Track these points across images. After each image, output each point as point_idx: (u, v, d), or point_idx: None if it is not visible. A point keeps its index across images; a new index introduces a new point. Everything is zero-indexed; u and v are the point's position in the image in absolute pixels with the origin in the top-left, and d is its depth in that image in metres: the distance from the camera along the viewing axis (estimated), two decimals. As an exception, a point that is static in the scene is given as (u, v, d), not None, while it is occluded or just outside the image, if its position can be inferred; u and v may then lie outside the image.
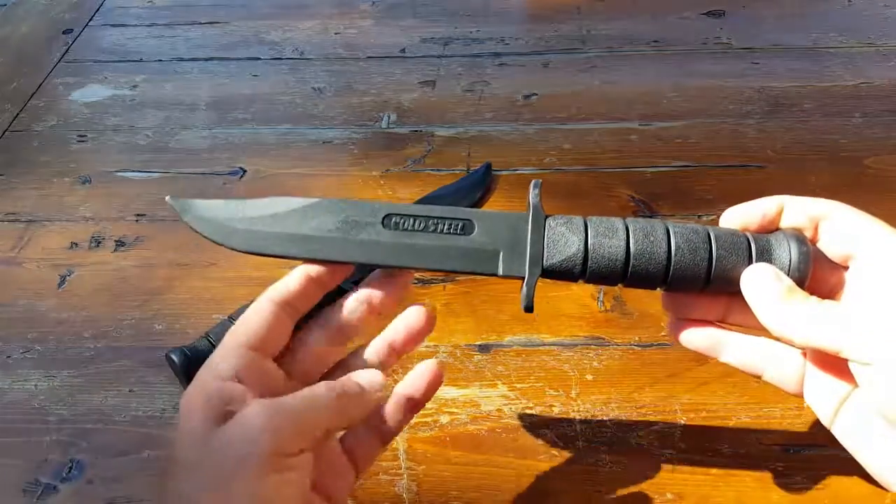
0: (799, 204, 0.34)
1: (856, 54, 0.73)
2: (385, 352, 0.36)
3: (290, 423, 0.29)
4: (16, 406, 0.47)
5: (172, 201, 0.35)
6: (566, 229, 0.33)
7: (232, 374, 0.30)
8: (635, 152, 0.63)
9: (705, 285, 0.33)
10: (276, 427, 0.28)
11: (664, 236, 0.33)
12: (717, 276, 0.33)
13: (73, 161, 0.66)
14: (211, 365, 0.31)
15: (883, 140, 0.63)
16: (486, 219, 0.34)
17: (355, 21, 0.82)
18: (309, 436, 0.29)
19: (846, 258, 0.32)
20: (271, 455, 0.28)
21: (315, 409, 0.30)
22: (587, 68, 0.73)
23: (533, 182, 0.35)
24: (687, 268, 0.33)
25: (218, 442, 0.28)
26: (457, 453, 0.43)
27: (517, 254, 0.33)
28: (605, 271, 0.33)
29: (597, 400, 0.46)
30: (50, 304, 0.53)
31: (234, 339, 0.32)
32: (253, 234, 0.34)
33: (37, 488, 0.43)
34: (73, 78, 0.76)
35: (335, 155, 0.65)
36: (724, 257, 0.33)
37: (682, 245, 0.33)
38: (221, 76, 0.75)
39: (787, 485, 0.41)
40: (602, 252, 0.33)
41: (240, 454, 0.28)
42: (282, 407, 0.29)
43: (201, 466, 0.28)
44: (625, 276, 0.33)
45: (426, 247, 0.33)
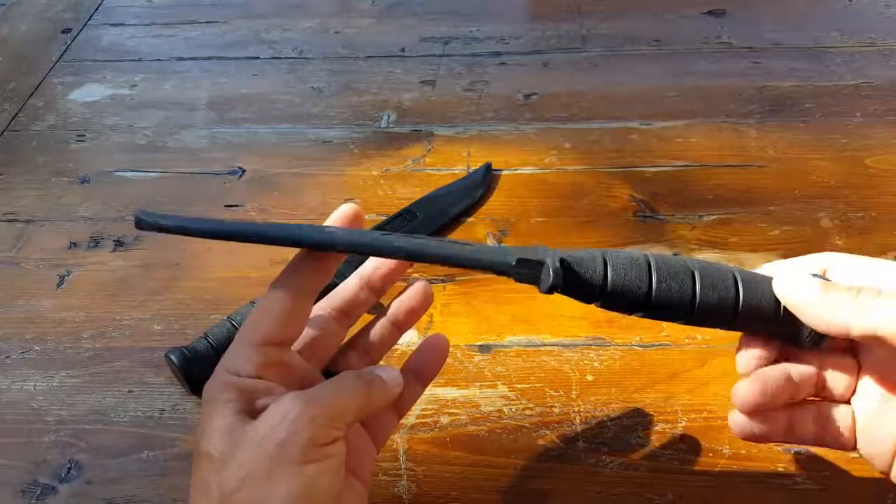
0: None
1: (856, 54, 0.73)
2: (388, 329, 0.36)
3: (325, 412, 0.29)
4: (14, 406, 0.47)
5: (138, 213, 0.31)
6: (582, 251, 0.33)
7: (253, 373, 0.30)
8: (636, 152, 0.63)
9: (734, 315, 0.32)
10: (312, 417, 0.29)
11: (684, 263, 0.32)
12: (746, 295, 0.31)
13: (71, 161, 0.66)
14: (230, 361, 0.31)
15: (884, 140, 0.63)
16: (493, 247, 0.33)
17: (355, 20, 0.82)
18: (342, 424, 0.30)
19: None
20: (309, 445, 0.28)
21: (345, 398, 0.31)
22: (587, 68, 0.73)
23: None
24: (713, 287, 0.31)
25: (253, 435, 0.28)
26: (457, 454, 0.43)
27: (533, 251, 0.32)
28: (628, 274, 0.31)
29: (597, 400, 0.46)
30: (48, 305, 0.53)
31: (250, 334, 0.31)
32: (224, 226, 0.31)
33: (35, 489, 0.43)
34: (71, 77, 0.76)
35: (335, 154, 0.65)
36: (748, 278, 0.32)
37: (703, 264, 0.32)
38: (220, 75, 0.75)
39: (788, 485, 0.41)
40: (621, 260, 0.32)
41: (278, 446, 0.28)
42: (315, 397, 0.30)
43: (236, 459, 0.28)
44: (649, 294, 0.31)
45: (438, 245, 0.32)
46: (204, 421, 0.30)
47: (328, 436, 0.29)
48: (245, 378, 0.30)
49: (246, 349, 0.31)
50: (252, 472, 0.28)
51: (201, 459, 0.29)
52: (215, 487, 0.28)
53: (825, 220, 0.56)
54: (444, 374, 0.47)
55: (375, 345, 0.36)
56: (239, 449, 0.28)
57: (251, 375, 0.30)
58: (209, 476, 0.28)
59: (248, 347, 0.31)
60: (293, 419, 0.28)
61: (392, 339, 0.37)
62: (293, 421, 0.28)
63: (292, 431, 0.28)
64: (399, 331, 0.37)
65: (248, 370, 0.30)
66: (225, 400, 0.30)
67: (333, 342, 0.36)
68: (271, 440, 0.28)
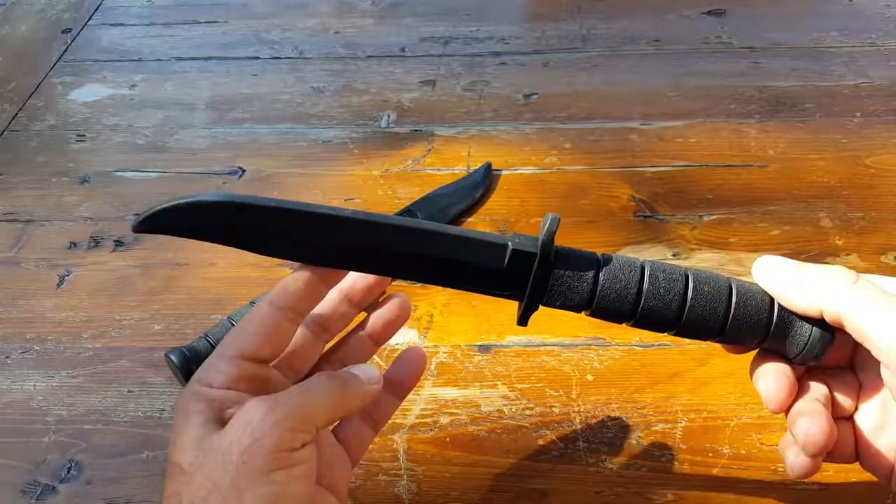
0: None
1: (857, 54, 0.73)
2: (365, 342, 0.36)
3: (291, 415, 0.28)
4: (14, 406, 0.47)
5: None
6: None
7: (224, 385, 0.30)
8: (636, 152, 0.63)
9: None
10: (276, 421, 0.28)
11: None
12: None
13: (71, 161, 0.66)
14: (203, 372, 0.31)
15: (884, 140, 0.63)
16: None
17: (355, 20, 0.82)
18: (311, 427, 0.29)
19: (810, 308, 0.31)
20: (276, 450, 0.27)
21: (315, 399, 0.30)
22: (588, 67, 0.73)
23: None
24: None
25: (220, 443, 0.28)
26: (457, 454, 0.43)
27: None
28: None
29: (597, 400, 0.46)
30: (48, 305, 0.53)
31: (229, 348, 0.31)
32: None
33: (35, 489, 0.43)
34: (71, 77, 0.76)
35: (335, 154, 0.65)
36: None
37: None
38: (220, 75, 0.75)
39: (788, 485, 0.41)
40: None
41: (243, 453, 0.27)
42: (280, 401, 0.29)
43: (204, 469, 0.28)
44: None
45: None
46: (175, 433, 0.29)
47: (295, 440, 0.28)
48: (216, 389, 0.30)
49: (220, 361, 0.31)
50: (218, 482, 0.27)
51: (172, 471, 0.29)
52: (185, 499, 0.28)
53: (825, 220, 0.56)
54: (444, 374, 0.47)
55: (352, 357, 0.36)
56: (206, 458, 0.28)
57: (222, 387, 0.30)
58: (180, 488, 0.28)
59: (223, 360, 0.30)
60: (256, 425, 0.28)
61: (369, 351, 0.37)
62: (256, 427, 0.28)
63: (256, 438, 0.27)
64: (376, 344, 0.37)
65: (219, 381, 0.30)
66: (194, 411, 0.29)
67: (311, 356, 0.35)
68: (236, 448, 0.27)
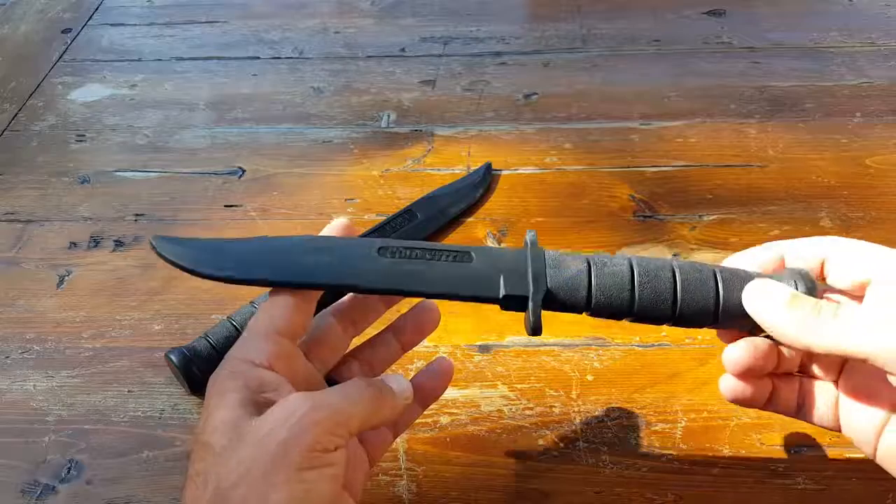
0: (798, 248, 0.34)
1: (857, 54, 0.73)
2: (392, 344, 0.37)
3: (331, 417, 0.28)
4: (14, 406, 0.47)
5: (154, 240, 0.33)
6: (566, 256, 0.33)
7: (265, 361, 0.30)
8: (636, 152, 0.63)
9: (715, 316, 0.32)
10: (317, 421, 0.28)
11: (666, 263, 0.33)
12: (726, 304, 0.32)
13: (71, 161, 0.66)
14: (242, 349, 0.31)
15: (884, 140, 0.63)
16: (483, 251, 0.33)
17: (355, 20, 0.82)
18: (345, 432, 0.29)
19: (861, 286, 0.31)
20: (312, 449, 0.28)
21: (353, 405, 0.30)
22: (588, 67, 0.73)
23: (528, 230, 0.35)
24: (695, 289, 0.32)
25: (256, 431, 0.28)
26: (457, 454, 0.43)
27: (518, 275, 0.33)
28: (611, 293, 0.32)
29: (597, 401, 0.46)
30: (48, 305, 0.53)
31: (263, 324, 0.31)
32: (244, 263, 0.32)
33: (35, 489, 0.43)
34: (71, 77, 0.76)
35: (335, 154, 0.65)
36: (730, 280, 0.32)
37: (685, 267, 0.33)
38: (220, 75, 0.75)
39: (788, 485, 0.41)
40: (606, 271, 0.32)
41: (280, 446, 0.27)
42: (322, 401, 0.29)
43: (237, 454, 0.27)
44: (632, 303, 0.32)
45: (424, 272, 0.32)
46: (207, 411, 0.29)
47: (331, 442, 0.28)
48: (256, 368, 0.30)
49: (258, 339, 0.31)
50: (251, 469, 0.27)
51: (202, 450, 0.29)
52: (213, 480, 0.27)
53: (825, 220, 0.56)
54: (444, 374, 0.47)
55: (378, 358, 0.36)
56: (241, 444, 0.28)
57: (263, 365, 0.30)
58: (208, 468, 0.28)
59: (260, 337, 0.31)
60: (297, 420, 0.28)
61: (395, 355, 0.37)
62: (297, 422, 0.28)
63: (296, 433, 0.27)
64: (402, 349, 0.37)
65: (260, 359, 0.30)
66: (231, 389, 0.29)
67: (338, 348, 0.35)
68: (274, 439, 0.27)
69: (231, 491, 0.27)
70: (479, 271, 0.33)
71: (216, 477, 0.27)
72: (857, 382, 0.33)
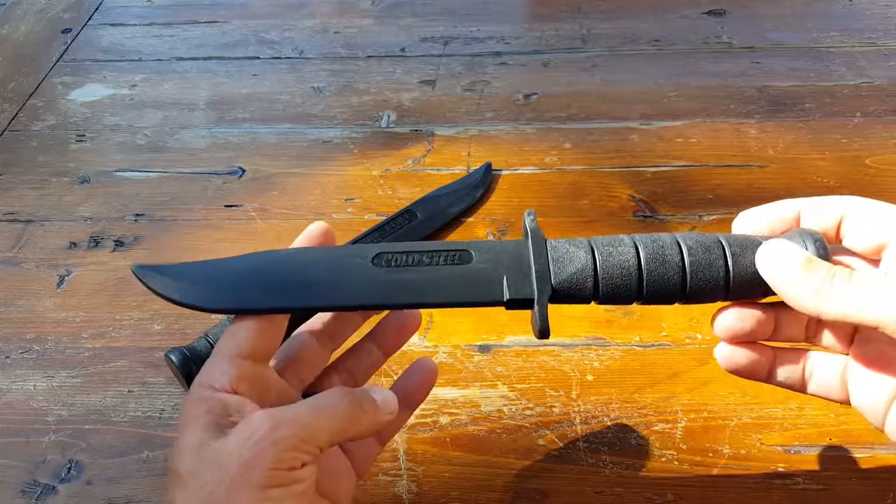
0: (815, 206, 0.33)
1: (857, 54, 0.73)
2: (374, 352, 0.36)
3: (295, 433, 0.28)
4: (14, 406, 0.47)
5: (136, 270, 0.31)
6: (569, 246, 0.32)
7: (228, 385, 0.29)
8: (636, 152, 0.63)
9: (727, 292, 0.32)
10: (279, 438, 0.27)
11: (672, 241, 0.32)
12: (737, 276, 0.31)
13: (71, 161, 0.66)
14: (205, 375, 0.30)
15: (884, 140, 0.63)
16: (483, 247, 0.32)
17: (355, 20, 0.82)
18: (313, 447, 0.28)
19: (878, 249, 0.31)
20: (273, 468, 0.27)
21: (322, 419, 0.29)
22: (588, 67, 0.73)
23: (526, 212, 0.33)
24: (704, 269, 0.31)
25: (218, 453, 0.27)
26: (457, 454, 0.43)
27: (522, 275, 0.31)
28: (618, 282, 0.31)
29: (597, 400, 0.46)
30: (48, 304, 0.53)
31: (226, 348, 0.31)
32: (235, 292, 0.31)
33: (35, 489, 0.43)
34: (71, 77, 0.76)
35: (335, 154, 0.65)
36: (740, 254, 0.31)
37: (693, 246, 0.31)
38: (220, 75, 0.75)
39: (788, 485, 0.41)
40: (612, 262, 0.31)
41: (241, 466, 0.27)
42: (286, 417, 0.28)
43: (200, 477, 0.27)
44: (640, 289, 0.31)
45: (422, 281, 0.31)
46: (178, 438, 0.29)
47: (296, 459, 0.28)
48: (218, 392, 0.29)
49: (220, 362, 0.30)
50: (213, 492, 0.27)
51: (171, 477, 0.28)
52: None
53: (825, 220, 0.56)
54: (444, 374, 0.47)
55: (360, 367, 0.36)
56: (204, 467, 0.27)
57: (225, 389, 0.29)
58: (176, 494, 0.28)
59: (223, 360, 0.30)
60: (258, 439, 0.27)
61: (378, 362, 0.36)
62: (258, 441, 0.27)
63: (256, 452, 0.27)
64: (385, 354, 0.36)
65: (222, 382, 0.29)
66: (196, 415, 0.29)
67: (316, 364, 0.35)
68: (235, 460, 0.27)
69: None
70: (481, 272, 0.31)
71: (182, 502, 0.27)
72: (869, 351, 0.32)
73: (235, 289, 0.31)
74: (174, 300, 0.31)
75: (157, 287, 0.31)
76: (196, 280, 0.31)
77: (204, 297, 0.31)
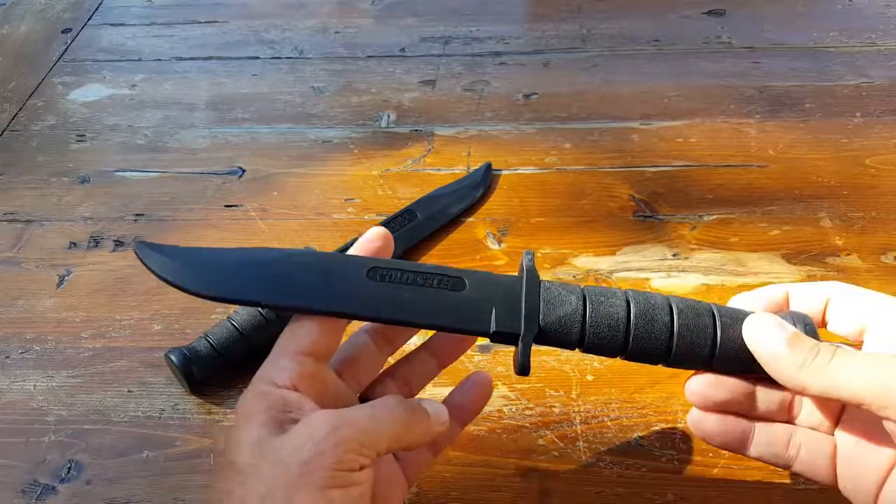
0: (803, 290, 0.34)
1: (857, 54, 0.73)
2: (430, 362, 0.36)
3: (356, 436, 0.28)
4: (14, 406, 0.47)
5: (138, 246, 0.33)
6: (562, 290, 0.32)
7: (288, 382, 0.30)
8: (636, 152, 0.63)
9: (710, 361, 0.32)
10: (341, 439, 0.27)
11: (664, 302, 0.32)
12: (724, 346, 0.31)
13: (71, 161, 0.66)
14: (266, 370, 0.30)
15: (884, 140, 0.63)
16: (477, 277, 0.32)
17: (355, 20, 0.82)
18: (372, 451, 0.29)
19: (859, 333, 0.31)
20: (335, 469, 0.27)
21: (381, 425, 0.29)
22: (588, 67, 0.73)
23: (525, 251, 0.34)
24: (692, 332, 0.31)
25: (280, 450, 0.28)
26: (457, 454, 0.43)
27: (511, 310, 0.32)
28: (605, 333, 0.32)
29: (597, 401, 0.46)
30: (48, 304, 0.53)
31: (287, 344, 0.31)
32: (225, 280, 0.31)
33: (35, 489, 0.43)
34: (71, 77, 0.76)
35: (335, 154, 0.65)
36: (730, 325, 0.32)
37: (684, 309, 0.32)
38: (220, 75, 0.75)
39: (788, 485, 0.41)
40: (602, 311, 0.32)
41: (302, 466, 0.27)
42: (348, 419, 0.28)
43: (260, 473, 0.27)
44: (626, 343, 0.32)
45: (413, 300, 0.31)
46: (234, 431, 0.29)
47: (356, 462, 0.28)
48: (279, 389, 0.29)
49: (281, 359, 0.30)
50: (273, 488, 0.27)
51: (228, 469, 0.29)
52: (237, 499, 0.27)
53: (825, 219, 0.56)
54: (445, 374, 0.47)
55: (416, 376, 0.36)
56: (264, 463, 0.27)
57: (286, 385, 0.30)
58: (233, 488, 0.28)
59: (284, 357, 0.30)
60: (321, 439, 0.27)
61: (432, 372, 0.36)
62: (320, 441, 0.27)
63: (318, 452, 0.27)
64: (440, 366, 0.36)
65: (283, 379, 0.30)
66: (256, 411, 0.29)
67: (373, 367, 0.35)
68: (296, 459, 0.27)
69: None
70: (471, 301, 0.32)
71: (239, 497, 0.27)
72: (855, 431, 0.32)
73: (227, 278, 0.31)
74: (166, 280, 0.32)
75: (151, 264, 0.32)
76: (191, 264, 0.32)
77: (193, 280, 0.31)
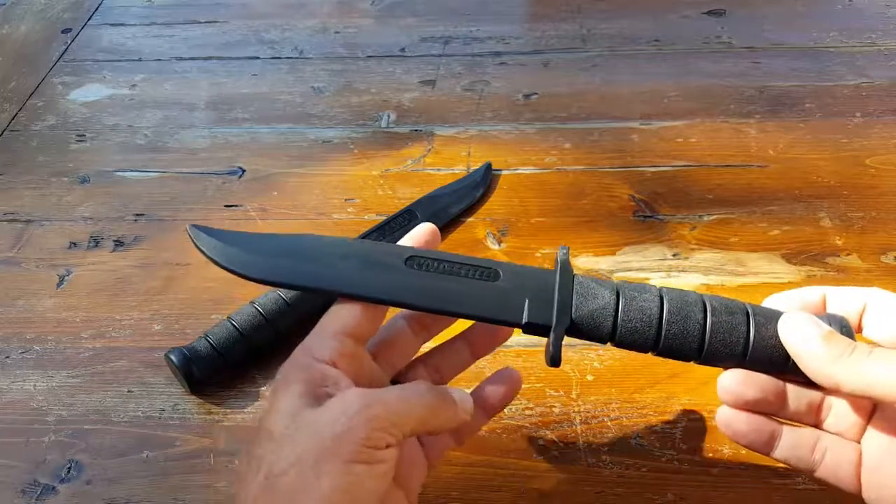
0: (840, 294, 0.33)
1: (857, 54, 0.73)
2: (464, 352, 0.37)
3: (386, 415, 0.29)
4: (14, 406, 0.47)
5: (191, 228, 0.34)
6: (596, 284, 0.33)
7: (329, 358, 0.31)
8: (636, 152, 0.63)
9: (743, 360, 0.32)
10: (372, 417, 0.29)
11: (698, 299, 0.32)
12: (757, 345, 0.31)
13: (71, 161, 0.66)
14: (308, 344, 0.32)
15: (884, 140, 0.63)
16: (512, 269, 0.33)
17: (355, 20, 0.82)
18: (399, 432, 0.30)
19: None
20: (363, 444, 0.28)
21: (410, 407, 0.30)
22: (588, 67, 0.73)
23: (560, 246, 0.35)
24: (725, 331, 0.31)
25: (313, 421, 0.29)
26: (457, 454, 0.43)
27: (544, 302, 0.32)
28: (637, 327, 0.32)
29: (597, 401, 0.46)
30: (48, 305, 0.53)
31: (331, 323, 0.32)
32: (272, 264, 0.33)
33: (35, 489, 0.43)
34: (71, 77, 0.76)
35: (335, 154, 0.65)
36: (764, 324, 0.32)
37: (718, 307, 0.32)
38: (220, 75, 0.75)
39: (788, 485, 0.41)
40: (634, 306, 0.32)
41: (333, 438, 0.28)
42: (379, 398, 0.30)
43: (293, 441, 0.28)
44: (658, 339, 0.32)
45: (447, 289, 0.32)
46: (271, 399, 0.30)
47: (383, 440, 0.29)
48: (319, 363, 0.31)
49: (324, 336, 0.32)
50: (303, 457, 0.28)
51: (261, 436, 0.30)
52: (266, 465, 0.28)
53: (825, 219, 0.56)
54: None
55: (448, 365, 0.37)
56: (297, 432, 0.29)
57: (326, 361, 0.31)
58: (265, 454, 0.29)
59: (327, 335, 0.32)
60: (353, 415, 0.28)
61: (466, 362, 0.37)
62: (352, 416, 0.28)
63: (350, 427, 0.28)
64: (474, 356, 0.37)
65: (324, 355, 0.31)
66: (295, 380, 0.30)
67: (407, 352, 0.36)
68: (328, 431, 0.28)
69: (281, 478, 0.28)
70: (505, 292, 0.32)
71: (269, 462, 0.28)
72: (884, 441, 0.32)
73: (274, 262, 0.33)
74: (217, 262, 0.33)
75: (205, 248, 0.33)
76: (241, 247, 0.33)
77: (244, 264, 0.33)
